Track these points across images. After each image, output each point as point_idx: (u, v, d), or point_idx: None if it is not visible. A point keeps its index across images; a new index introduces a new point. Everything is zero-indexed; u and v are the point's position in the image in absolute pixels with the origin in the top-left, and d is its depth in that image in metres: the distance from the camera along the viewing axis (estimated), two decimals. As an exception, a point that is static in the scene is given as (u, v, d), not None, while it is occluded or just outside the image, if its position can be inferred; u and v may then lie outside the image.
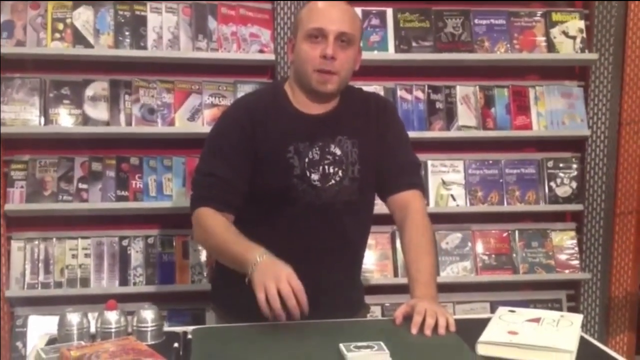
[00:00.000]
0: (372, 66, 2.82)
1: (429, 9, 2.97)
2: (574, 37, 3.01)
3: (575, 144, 3.09)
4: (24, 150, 2.78)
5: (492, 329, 1.47)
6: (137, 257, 2.82)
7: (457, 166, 3.00)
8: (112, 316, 1.47)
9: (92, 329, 1.49)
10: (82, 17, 2.74)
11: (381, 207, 1.89)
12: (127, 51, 2.75)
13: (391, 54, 2.92)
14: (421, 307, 1.52)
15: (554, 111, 3.02)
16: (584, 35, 3.01)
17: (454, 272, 2.97)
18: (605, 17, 2.98)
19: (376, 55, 2.90)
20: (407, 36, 2.93)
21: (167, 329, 1.55)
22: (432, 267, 1.70)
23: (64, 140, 2.81)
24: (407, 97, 2.96)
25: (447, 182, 2.98)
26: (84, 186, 2.76)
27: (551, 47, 3.00)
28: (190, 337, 1.52)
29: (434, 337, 1.47)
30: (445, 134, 2.96)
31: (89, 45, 2.73)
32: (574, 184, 3.04)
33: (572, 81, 3.10)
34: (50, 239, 2.79)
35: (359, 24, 1.79)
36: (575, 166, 3.06)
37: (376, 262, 2.94)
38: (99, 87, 2.77)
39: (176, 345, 1.44)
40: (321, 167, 1.74)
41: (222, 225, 1.68)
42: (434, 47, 2.94)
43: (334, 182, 1.76)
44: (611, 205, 3.05)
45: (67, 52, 2.73)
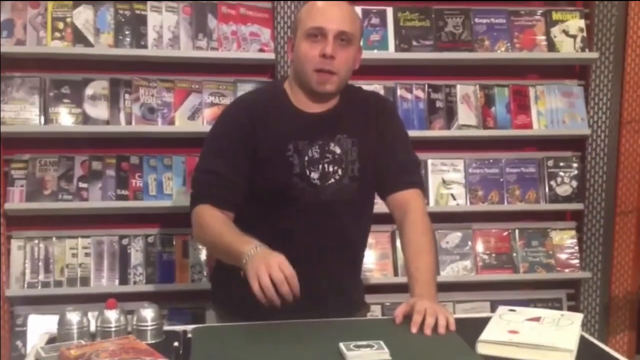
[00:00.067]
0: (372, 65, 2.81)
1: (429, 7, 2.97)
2: (574, 36, 3.01)
3: (575, 143, 3.09)
4: (24, 149, 2.78)
5: (492, 328, 1.47)
6: (137, 256, 2.82)
7: (458, 165, 3.00)
8: (112, 315, 1.47)
9: (92, 328, 1.49)
10: (82, 16, 2.74)
11: (381, 206, 1.89)
12: (127, 50, 2.75)
13: (391, 53, 2.92)
14: (421, 306, 1.52)
15: (554, 110, 3.01)
16: (585, 34, 3.01)
17: (454, 271, 2.96)
18: (605, 16, 2.98)
19: (376, 54, 2.90)
20: (408, 35, 2.93)
21: (167, 328, 1.55)
22: (432, 266, 1.70)
23: (64, 139, 2.81)
24: (407, 96, 2.96)
25: (448, 181, 2.98)
26: (84, 185, 2.76)
27: (551, 46, 3.00)
28: (190, 336, 1.52)
29: (434, 336, 1.47)
30: (445, 133, 2.96)
31: (89, 44, 2.73)
32: (575, 183, 3.04)
33: (572, 80, 3.09)
34: (50, 238, 2.79)
35: (359, 23, 1.79)
36: (575, 165, 3.05)
37: (376, 261, 2.94)
38: (99, 86, 2.77)
39: (176, 344, 1.44)
40: (321, 166, 1.74)
41: (219, 221, 1.68)
42: (434, 46, 2.94)
43: (333, 180, 1.76)
44: (611, 204, 3.05)
45: (67, 51, 2.72)
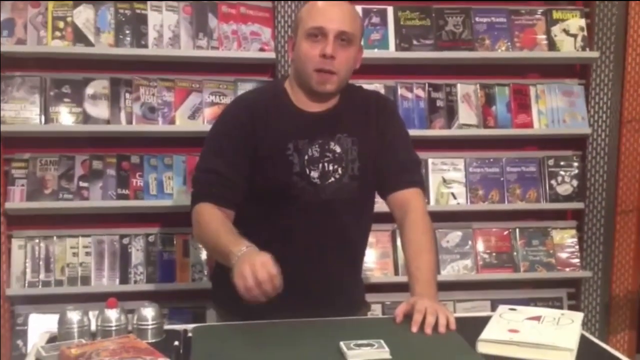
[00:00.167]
0: (373, 64, 2.81)
1: (429, 7, 2.96)
2: (574, 35, 3.01)
3: (576, 142, 3.09)
4: (24, 148, 2.78)
5: (492, 327, 1.47)
6: (137, 255, 2.82)
7: (458, 164, 3.00)
8: (113, 314, 1.47)
9: (93, 327, 1.49)
10: (83, 16, 2.73)
11: (381, 205, 1.89)
12: (128, 49, 2.75)
13: (392, 52, 2.92)
14: (421, 305, 1.52)
15: (554, 109, 3.01)
16: (585, 33, 3.00)
17: (454, 270, 2.96)
18: (606, 15, 2.98)
19: (377, 53, 2.90)
20: (408, 34, 2.93)
21: (167, 327, 1.55)
22: (432, 265, 1.70)
23: (64, 138, 2.80)
24: (408, 95, 2.96)
25: (448, 180, 2.98)
26: (85, 184, 2.76)
27: (552, 45, 2.99)
28: (190, 335, 1.52)
29: (434, 335, 1.47)
30: (445, 132, 2.96)
31: (89, 43, 2.73)
32: (575, 182, 3.04)
33: (573, 79, 3.09)
34: (50, 237, 2.79)
35: (360, 23, 1.79)
36: (576, 164, 3.05)
37: (377, 261, 2.94)
38: (99, 85, 2.77)
39: (176, 343, 1.44)
40: (321, 165, 1.74)
41: (216, 221, 1.67)
42: (435, 45, 2.94)
43: (333, 179, 1.75)
44: (612, 203, 3.05)
45: (68, 51, 2.72)
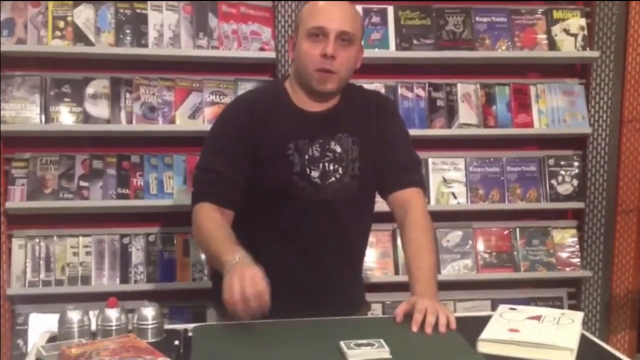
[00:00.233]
0: (373, 64, 2.81)
1: (429, 6, 2.96)
2: (575, 35, 3.00)
3: (576, 142, 3.09)
4: (24, 148, 2.78)
5: (492, 327, 1.47)
6: (138, 254, 2.82)
7: (458, 164, 3.00)
8: (113, 314, 1.47)
9: (93, 327, 1.49)
10: (83, 15, 2.73)
11: (382, 204, 1.89)
12: (128, 49, 2.75)
13: (392, 51, 2.92)
14: (422, 304, 1.52)
15: (555, 109, 3.01)
16: (585, 33, 3.00)
17: (454, 269, 2.96)
18: (606, 14, 2.98)
19: (377, 53, 2.90)
20: (408, 34, 2.93)
21: (167, 326, 1.55)
22: (432, 265, 1.70)
23: (64, 138, 2.80)
24: (408, 95, 2.96)
25: (448, 179, 2.98)
26: (85, 184, 2.76)
27: (552, 44, 2.99)
28: (190, 334, 1.52)
29: (434, 335, 1.47)
30: (446, 132, 2.95)
31: (89, 43, 2.73)
32: (575, 182, 3.04)
33: (573, 79, 3.09)
34: (51, 237, 2.79)
35: (360, 23, 1.79)
36: (576, 164, 3.05)
37: (377, 260, 2.94)
38: (99, 85, 2.77)
39: (177, 342, 1.44)
40: (321, 165, 1.74)
41: (214, 223, 1.66)
42: (435, 44, 2.93)
43: (334, 179, 1.75)
44: (612, 203, 3.05)
45: (68, 50, 2.72)
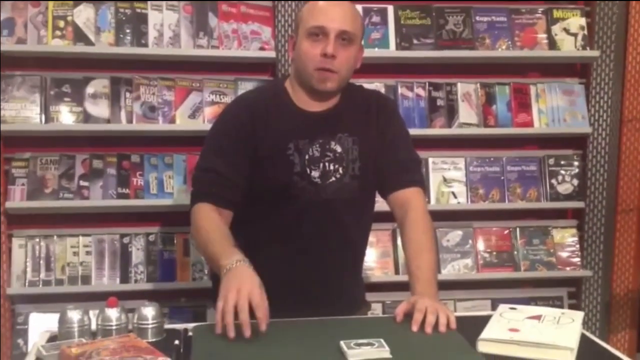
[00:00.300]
0: (373, 63, 2.81)
1: (429, 6, 2.96)
2: (575, 35, 3.00)
3: (576, 141, 3.09)
4: (24, 147, 2.78)
5: (492, 327, 1.47)
6: (138, 254, 2.82)
7: (458, 163, 3.00)
8: (113, 313, 1.47)
9: (93, 327, 1.49)
10: (83, 15, 2.73)
11: (382, 204, 1.89)
12: (128, 49, 2.75)
13: (392, 51, 2.92)
14: (422, 304, 1.52)
15: (555, 108, 3.01)
16: (586, 32, 3.00)
17: (455, 269, 2.96)
18: (606, 14, 2.97)
19: (377, 52, 2.90)
20: (408, 33, 2.93)
21: (167, 326, 1.55)
22: (432, 264, 1.70)
23: (64, 137, 2.80)
24: (408, 94, 2.96)
25: (448, 179, 2.98)
26: (85, 184, 2.76)
27: (552, 44, 2.99)
28: (191, 334, 1.52)
29: (434, 334, 1.47)
30: (446, 132, 2.95)
31: (89, 42, 2.73)
32: (576, 181, 3.04)
33: (573, 78, 3.09)
34: (51, 237, 2.79)
35: (361, 22, 1.79)
36: (576, 163, 3.05)
37: (377, 260, 2.94)
38: (99, 84, 2.77)
39: (177, 342, 1.44)
40: (321, 164, 1.74)
41: (212, 224, 1.65)
42: (435, 44, 2.93)
43: (334, 179, 1.75)
44: (613, 202, 3.05)
45: (68, 50, 2.72)
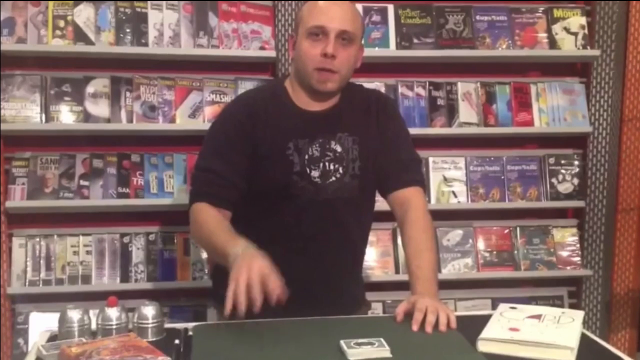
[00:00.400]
0: (373, 63, 2.81)
1: (430, 5, 2.96)
2: (575, 34, 3.00)
3: (577, 141, 3.09)
4: (25, 147, 2.78)
5: (493, 326, 1.47)
6: (138, 254, 2.82)
7: (459, 163, 3.00)
8: (113, 313, 1.47)
9: (93, 326, 1.49)
10: (83, 14, 2.73)
11: (382, 203, 1.89)
12: (128, 48, 2.75)
13: (392, 50, 2.92)
14: (422, 303, 1.52)
15: (555, 108, 3.01)
16: (586, 31, 3.00)
17: (455, 268, 2.96)
18: (607, 13, 2.97)
19: (377, 51, 2.90)
20: (408, 33, 2.93)
21: (168, 325, 1.55)
22: (432, 264, 1.69)
23: (65, 137, 2.81)
24: (409, 93, 2.96)
25: (449, 178, 2.98)
26: (85, 183, 2.76)
27: (553, 43, 2.99)
28: (191, 333, 1.52)
29: (434, 334, 1.47)
30: (446, 131, 2.95)
31: (90, 42, 2.73)
32: (576, 181, 3.04)
33: (573, 78, 3.09)
34: (51, 236, 2.79)
35: (361, 22, 1.78)
36: (577, 163, 3.05)
37: (377, 259, 2.94)
38: (99, 84, 2.77)
39: (177, 342, 1.44)
40: (321, 164, 1.74)
41: (213, 219, 1.66)
42: (435, 43, 2.93)
43: (334, 179, 1.75)
44: (613, 202, 3.05)
45: (68, 49, 2.73)
